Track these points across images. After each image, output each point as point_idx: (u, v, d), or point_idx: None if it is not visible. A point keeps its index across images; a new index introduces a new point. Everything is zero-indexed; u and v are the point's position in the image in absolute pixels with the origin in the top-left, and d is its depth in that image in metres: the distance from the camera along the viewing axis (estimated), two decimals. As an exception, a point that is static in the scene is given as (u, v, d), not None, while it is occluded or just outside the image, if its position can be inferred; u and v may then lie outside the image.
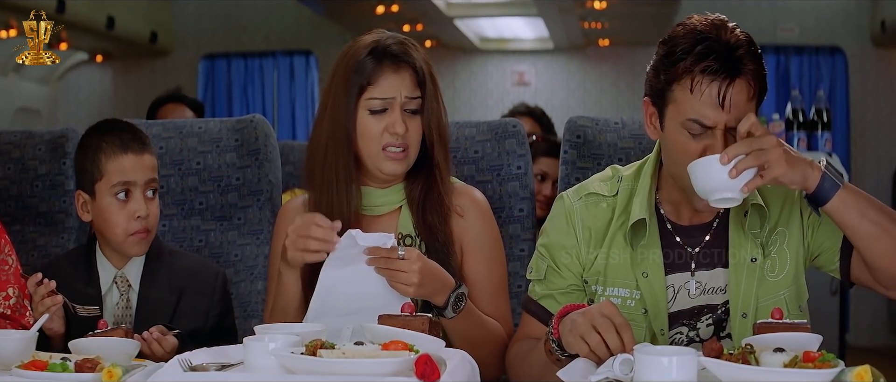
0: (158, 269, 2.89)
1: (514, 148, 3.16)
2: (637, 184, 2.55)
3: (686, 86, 2.34)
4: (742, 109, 2.33)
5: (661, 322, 2.48)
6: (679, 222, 2.53)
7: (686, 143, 2.37)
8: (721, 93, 2.31)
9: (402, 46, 2.67)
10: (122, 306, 2.83)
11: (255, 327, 2.32)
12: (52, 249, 3.45)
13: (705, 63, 2.31)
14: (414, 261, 2.48)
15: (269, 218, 3.34)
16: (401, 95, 2.65)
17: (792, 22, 9.69)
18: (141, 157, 2.85)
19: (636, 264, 2.50)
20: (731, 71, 2.31)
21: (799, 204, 2.50)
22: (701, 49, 2.32)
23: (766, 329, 2.20)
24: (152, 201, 2.87)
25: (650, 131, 2.49)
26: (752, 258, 2.47)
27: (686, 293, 2.50)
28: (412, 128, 2.66)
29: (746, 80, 2.33)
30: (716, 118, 2.33)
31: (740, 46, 2.33)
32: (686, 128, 2.36)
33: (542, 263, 2.60)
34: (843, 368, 1.92)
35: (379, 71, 2.64)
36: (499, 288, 2.75)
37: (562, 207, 2.62)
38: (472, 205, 2.77)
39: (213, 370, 2.11)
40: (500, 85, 10.44)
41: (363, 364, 1.99)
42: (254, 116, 3.42)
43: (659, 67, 2.40)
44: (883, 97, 9.62)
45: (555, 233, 2.60)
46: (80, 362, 2.13)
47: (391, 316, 2.32)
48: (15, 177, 3.51)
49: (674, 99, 2.38)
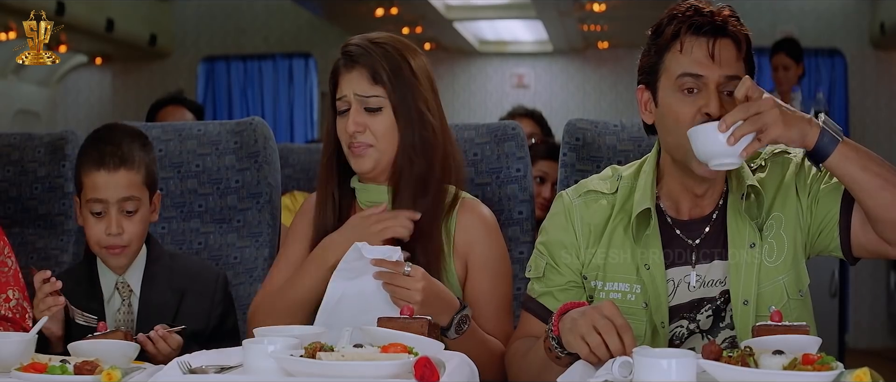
0: (159, 272, 2.88)
1: (513, 150, 3.16)
2: (637, 182, 2.57)
3: (676, 50, 2.42)
4: (733, 66, 2.40)
5: (661, 315, 2.48)
6: (678, 216, 2.54)
7: (680, 107, 2.42)
8: (710, 46, 2.39)
9: (360, 47, 2.70)
10: (123, 311, 2.83)
11: (254, 330, 2.32)
12: (52, 252, 3.44)
13: (692, 21, 2.40)
14: (418, 279, 2.50)
15: (268, 221, 3.34)
16: (351, 92, 2.68)
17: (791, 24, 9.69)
18: (114, 175, 2.79)
19: (637, 258, 2.51)
20: (717, 30, 2.40)
21: (794, 187, 2.51)
22: (688, 11, 2.42)
23: (765, 331, 2.20)
24: (131, 217, 2.82)
25: (646, 117, 2.53)
26: (751, 243, 2.48)
27: (686, 286, 2.51)
28: (374, 125, 2.68)
29: (733, 40, 2.41)
30: (707, 71, 2.39)
31: (723, 15, 2.42)
32: (679, 86, 2.42)
33: (541, 261, 2.61)
34: (842, 370, 1.92)
35: (339, 71, 2.72)
36: (503, 306, 2.75)
37: (561, 205, 2.63)
38: (479, 222, 2.76)
39: (213, 372, 2.11)
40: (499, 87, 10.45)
41: (362, 367, 1.99)
42: (253, 119, 3.41)
43: (649, 46, 2.49)
44: (882, 99, 9.63)
45: (554, 231, 2.61)
46: (79, 364, 2.13)
47: (390, 318, 2.32)
48: (14, 179, 3.51)
49: (665, 67, 2.45)
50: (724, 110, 2.35)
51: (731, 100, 2.37)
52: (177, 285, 2.87)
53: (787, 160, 2.55)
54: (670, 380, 1.90)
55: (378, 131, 2.68)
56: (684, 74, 2.40)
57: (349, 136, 2.68)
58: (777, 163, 2.55)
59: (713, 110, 2.37)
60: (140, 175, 2.83)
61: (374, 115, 2.68)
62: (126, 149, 2.82)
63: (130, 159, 2.81)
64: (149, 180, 2.86)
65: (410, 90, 2.69)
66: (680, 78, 2.41)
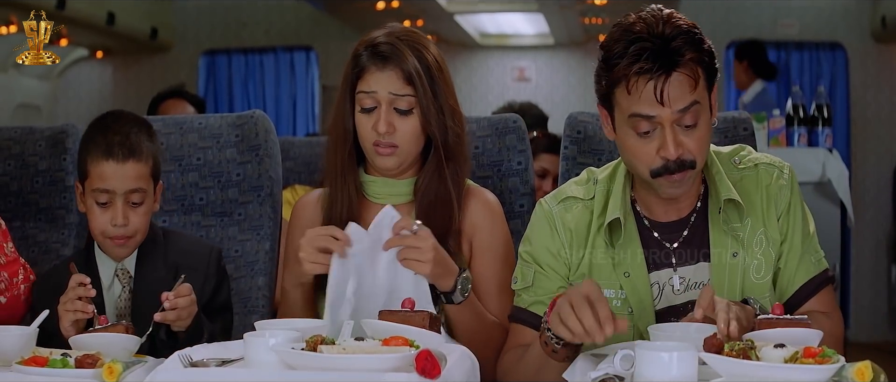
0: (153, 250, 2.86)
1: (514, 143, 3.16)
2: (612, 186, 2.55)
3: (624, 88, 2.35)
4: (687, 98, 2.33)
5: (648, 320, 2.46)
6: (655, 219, 2.53)
7: (638, 148, 2.39)
8: (657, 89, 2.31)
9: (392, 46, 2.68)
10: (124, 298, 2.81)
11: (255, 323, 2.32)
12: (53, 245, 3.44)
13: (639, 65, 2.31)
14: (428, 237, 2.51)
15: (269, 214, 3.34)
16: (385, 92, 2.67)
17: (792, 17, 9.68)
18: (123, 166, 2.75)
19: (617, 264, 2.50)
20: (666, 65, 2.31)
21: (775, 208, 2.50)
22: (634, 50, 2.32)
23: (767, 324, 2.20)
24: (137, 209, 2.79)
25: (607, 131, 2.50)
26: (733, 253, 2.47)
27: (671, 289, 2.50)
28: (402, 126, 2.68)
29: (685, 73, 2.32)
30: (659, 111, 2.33)
31: (676, 36, 2.32)
32: (632, 126, 2.37)
33: (529, 270, 2.59)
34: (843, 364, 1.92)
35: (367, 67, 2.68)
36: (505, 288, 2.76)
37: (542, 213, 2.62)
38: (484, 207, 2.79)
39: (214, 365, 2.11)
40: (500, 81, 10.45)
41: (363, 360, 1.99)
42: (254, 112, 3.41)
43: (600, 73, 2.42)
44: (883, 93, 9.62)
45: (538, 238, 2.59)
46: (80, 358, 2.13)
47: (391, 311, 2.32)
48: (15, 173, 3.50)
49: (617, 102, 2.39)
50: (681, 148, 2.34)
51: (687, 131, 2.35)
52: (171, 261, 2.85)
53: (770, 172, 2.53)
54: (671, 373, 1.90)
55: (405, 133, 2.69)
56: (636, 115, 2.35)
57: (378, 135, 2.67)
58: (758, 173, 2.53)
59: (671, 154, 2.34)
60: (148, 166, 2.80)
61: (403, 117, 2.69)
62: (134, 139, 2.79)
63: (139, 150, 2.78)
64: (155, 171, 2.84)
65: (439, 87, 2.71)
66: (632, 117, 2.36)
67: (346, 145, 2.74)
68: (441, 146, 2.72)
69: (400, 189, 2.78)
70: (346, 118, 2.73)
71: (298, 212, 2.86)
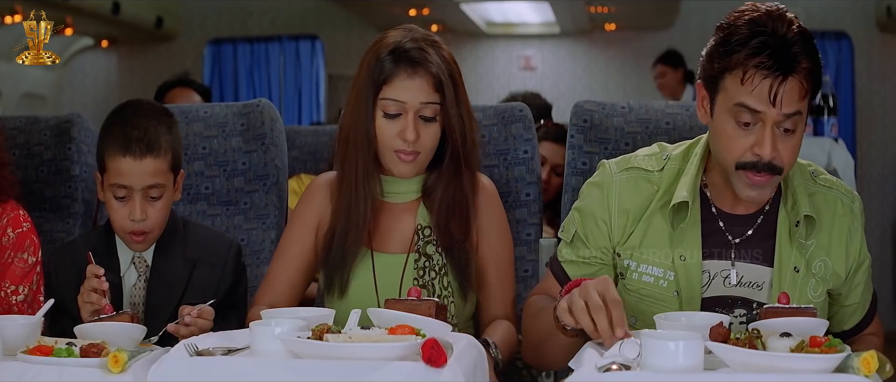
0: (172, 242, 2.85)
1: (520, 132, 3.16)
2: (685, 165, 2.53)
3: (738, 77, 2.32)
4: (794, 105, 2.32)
5: (693, 306, 2.45)
6: (723, 208, 2.51)
7: (733, 137, 2.36)
8: (772, 89, 2.29)
9: (421, 51, 2.67)
10: (140, 287, 2.82)
11: (261, 312, 2.32)
12: (58, 234, 3.44)
13: (759, 58, 2.29)
14: None
15: (275, 203, 3.34)
16: (415, 101, 2.67)
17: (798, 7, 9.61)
18: (140, 162, 2.72)
19: (674, 245, 2.48)
20: (784, 68, 2.29)
21: (845, 242, 2.51)
22: (756, 43, 2.30)
23: (773, 313, 2.20)
24: (156, 202, 2.77)
25: (701, 115, 2.47)
26: (795, 267, 2.47)
27: (722, 280, 2.48)
28: (426, 134, 2.69)
29: (799, 79, 2.31)
30: (767, 109, 2.31)
31: (796, 42, 2.31)
32: (734, 115, 2.34)
33: (572, 227, 2.58)
34: (849, 353, 1.91)
35: (395, 73, 2.66)
36: (506, 268, 2.79)
37: (602, 176, 2.59)
38: (482, 192, 2.81)
39: (220, 354, 2.11)
40: (506, 69, 10.43)
41: (370, 349, 1.99)
42: (260, 101, 3.41)
43: (714, 55, 2.39)
44: (888, 82, 9.60)
45: (590, 201, 2.57)
46: (85, 347, 2.13)
47: (398, 300, 2.32)
48: (20, 162, 3.50)
49: (725, 87, 2.36)
50: (776, 151, 2.33)
51: (785, 136, 2.34)
52: (189, 255, 2.85)
53: (843, 201, 2.54)
54: (677, 362, 1.90)
55: (427, 140, 2.70)
56: (743, 105, 2.33)
57: (403, 143, 2.67)
58: (832, 197, 2.54)
59: (765, 154, 2.33)
60: (166, 161, 2.77)
61: (427, 124, 2.69)
62: (152, 134, 2.75)
63: (157, 146, 2.75)
64: (174, 164, 2.81)
65: (461, 92, 2.72)
66: (737, 106, 2.33)
67: (370, 150, 2.72)
68: (460, 151, 2.73)
69: (408, 187, 2.80)
70: (367, 122, 2.70)
71: (312, 191, 2.85)
